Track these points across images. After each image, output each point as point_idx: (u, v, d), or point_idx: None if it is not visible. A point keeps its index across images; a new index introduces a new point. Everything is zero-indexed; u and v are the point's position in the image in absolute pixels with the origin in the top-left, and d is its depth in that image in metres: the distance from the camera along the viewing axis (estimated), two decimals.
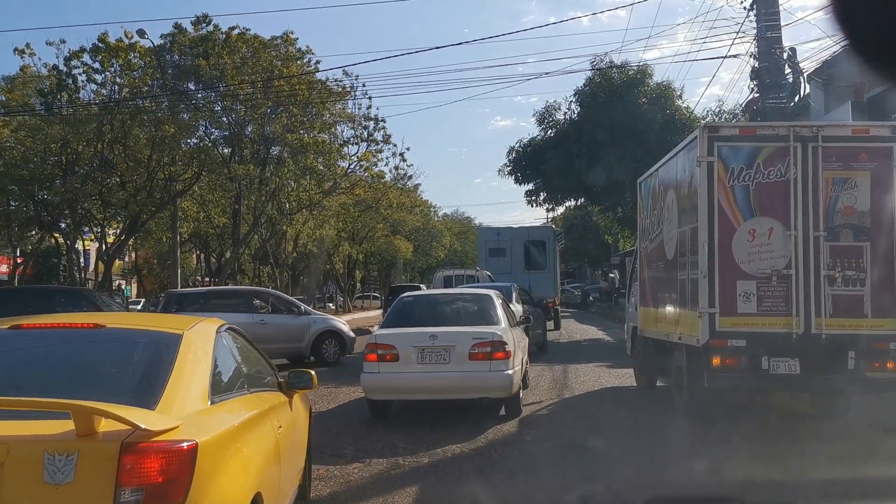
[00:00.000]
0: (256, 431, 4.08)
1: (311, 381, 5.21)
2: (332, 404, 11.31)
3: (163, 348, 3.85)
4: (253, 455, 3.85)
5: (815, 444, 8.05)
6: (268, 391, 4.85)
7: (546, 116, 26.79)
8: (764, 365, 8.31)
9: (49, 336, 4.14)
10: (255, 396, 4.48)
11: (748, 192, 8.44)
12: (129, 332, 4.25)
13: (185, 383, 3.63)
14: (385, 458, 7.74)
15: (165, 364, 3.69)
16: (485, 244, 27.99)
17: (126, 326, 4.42)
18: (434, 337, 9.18)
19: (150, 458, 3.01)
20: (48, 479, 2.93)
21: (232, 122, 26.34)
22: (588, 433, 9.14)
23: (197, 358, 3.88)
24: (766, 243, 8.40)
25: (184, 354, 3.80)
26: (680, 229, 9.43)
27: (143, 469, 2.99)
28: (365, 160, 30.10)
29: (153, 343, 3.97)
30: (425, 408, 10.32)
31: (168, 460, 3.05)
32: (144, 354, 3.87)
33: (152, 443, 3.04)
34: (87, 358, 4.00)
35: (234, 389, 4.25)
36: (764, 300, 8.36)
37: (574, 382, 13.42)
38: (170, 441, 3.09)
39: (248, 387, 4.48)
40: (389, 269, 62.89)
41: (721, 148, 8.49)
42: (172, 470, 3.05)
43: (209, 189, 29.15)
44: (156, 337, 4.06)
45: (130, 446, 2.99)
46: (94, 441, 2.98)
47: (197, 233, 38.26)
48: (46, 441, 2.99)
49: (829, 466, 7.18)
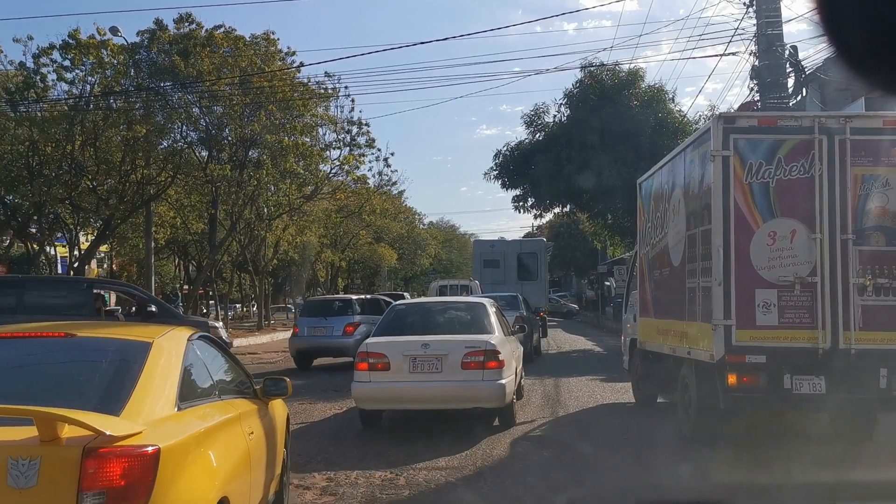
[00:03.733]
0: (224, 437, 4.13)
1: (286, 388, 5.30)
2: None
3: (132, 356, 3.95)
4: (221, 460, 3.91)
5: (843, 471, 7.18)
6: (241, 398, 4.91)
7: (534, 119, 25.94)
8: (786, 384, 7.41)
9: (19, 345, 4.30)
10: (226, 403, 4.53)
11: (768, 190, 7.55)
12: (99, 341, 4.35)
13: (153, 390, 3.72)
14: (365, 471, 7.45)
15: (133, 371, 3.78)
16: (480, 256, 29.56)
17: (97, 335, 4.51)
18: (426, 345, 8.98)
19: (111, 463, 3.11)
20: (12, 483, 3.04)
21: (210, 124, 25.30)
22: (587, 461, 8.21)
23: (166, 365, 3.96)
24: (788, 247, 7.51)
25: (153, 362, 3.89)
26: (689, 232, 8.53)
27: (104, 473, 3.09)
28: (347, 164, 29.11)
29: (122, 351, 4.07)
30: (417, 418, 10.08)
31: (130, 464, 3.14)
32: (113, 362, 3.96)
33: (114, 447, 3.13)
34: (57, 366, 4.16)
35: (204, 396, 4.32)
36: (786, 311, 7.46)
37: (567, 398, 12.49)
38: (132, 446, 3.18)
39: (220, 394, 4.55)
40: (373, 278, 61.84)
41: (737, 141, 7.60)
42: (134, 474, 3.14)
43: (185, 193, 28.10)
44: (125, 345, 4.17)
45: (92, 451, 3.09)
46: (57, 446, 3.09)
47: (175, 239, 37.20)
48: (10, 446, 3.09)
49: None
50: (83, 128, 23.48)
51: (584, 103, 24.53)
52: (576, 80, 25.17)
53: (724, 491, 6.64)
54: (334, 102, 28.18)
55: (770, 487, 6.69)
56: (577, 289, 68.09)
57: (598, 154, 23.38)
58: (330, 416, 11.04)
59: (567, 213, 29.71)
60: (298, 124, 25.38)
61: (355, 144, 29.40)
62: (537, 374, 14.85)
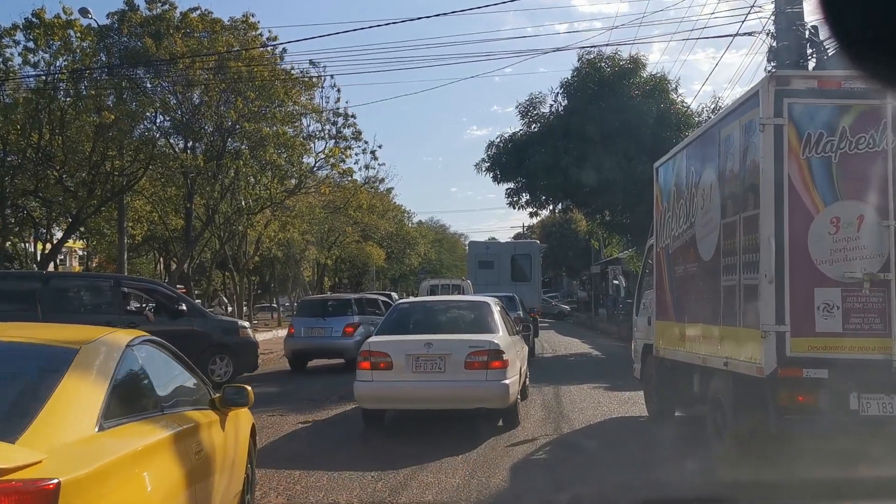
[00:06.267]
0: (161, 459, 3.63)
1: (246, 397, 4.91)
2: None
3: (50, 365, 3.49)
4: (156, 486, 3.43)
5: None
6: (192, 410, 4.48)
7: (530, 109, 24.48)
8: (852, 404, 6.05)
9: None
10: (171, 418, 4.05)
11: (830, 166, 6.19)
12: (16, 347, 3.80)
13: (66, 407, 3.22)
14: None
15: (46, 385, 3.29)
16: (475, 257, 29.99)
17: (18, 339, 3.94)
18: (429, 345, 8.92)
19: None
20: None
21: (185, 111, 23.78)
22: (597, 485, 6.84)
23: (91, 376, 3.49)
24: (855, 237, 6.15)
25: (73, 373, 3.41)
26: (725, 220, 7.16)
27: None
28: (332, 156, 27.60)
29: (39, 360, 3.63)
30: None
31: (21, 502, 2.65)
32: (24, 374, 3.57)
33: (3, 482, 2.63)
34: None
35: (141, 411, 3.85)
36: (852, 315, 6.11)
37: (571, 411, 11.11)
38: (24, 480, 2.67)
39: (165, 407, 4.09)
40: (361, 277, 60.34)
41: (793, 106, 6.23)
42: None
43: (161, 185, 26.55)
44: (45, 353, 3.68)
45: None
46: None
47: (153, 235, 35.69)
48: None
49: None
50: (50, 115, 21.96)
51: (583, 93, 23.17)
52: (574, 69, 23.80)
53: None
54: (319, 92, 26.79)
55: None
56: (569, 289, 66.95)
57: (596, 146, 22.03)
58: (332, 417, 10.91)
59: (563, 209, 28.28)
60: (279, 113, 23.85)
61: (341, 137, 27.96)
62: (534, 380, 13.47)
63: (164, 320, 13.82)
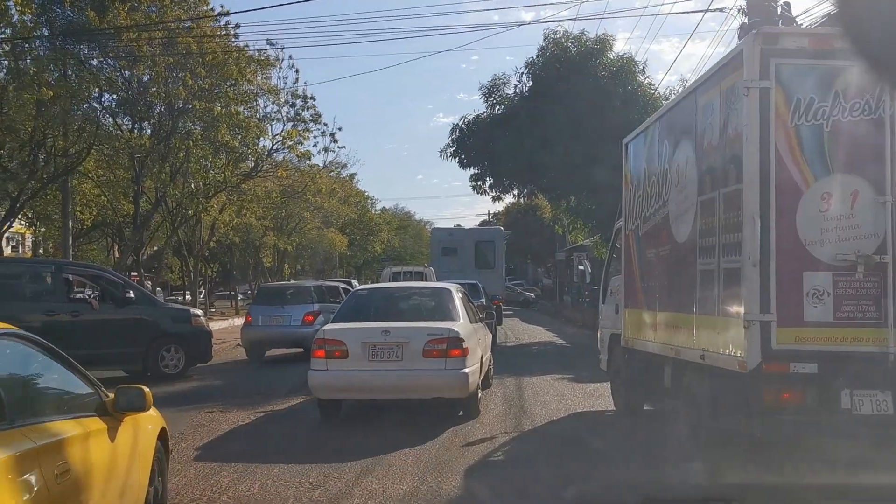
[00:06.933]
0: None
1: (143, 399, 4.38)
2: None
3: None
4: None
5: None
6: (65, 420, 3.81)
7: (493, 91, 23.67)
8: (844, 402, 5.40)
9: None
10: (22, 432, 3.25)
11: (821, 135, 5.52)
12: None
13: None
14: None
15: None
16: (438, 243, 29.64)
17: None
18: (386, 332, 8.72)
19: None
20: None
21: (132, 89, 22.60)
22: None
23: None
24: (849, 215, 5.50)
25: None
26: (702, 198, 6.47)
27: None
28: (290, 138, 26.58)
29: None
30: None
31: None
32: None
33: None
34: None
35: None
36: (845, 302, 5.46)
37: (533, 405, 10.42)
38: None
39: (21, 417, 3.36)
40: (323, 264, 59.22)
41: (781, 68, 5.54)
42: None
43: (108, 167, 25.29)
44: None
45: None
46: None
47: (104, 221, 34.30)
48: None
49: None
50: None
51: (548, 73, 22.43)
52: (539, 48, 23.05)
53: None
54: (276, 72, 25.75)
55: None
56: (533, 277, 66.59)
57: (562, 129, 21.28)
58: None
59: (527, 194, 27.55)
60: (232, 92, 22.75)
61: (300, 119, 26.95)
62: (496, 371, 12.76)
63: (109, 308, 13.19)
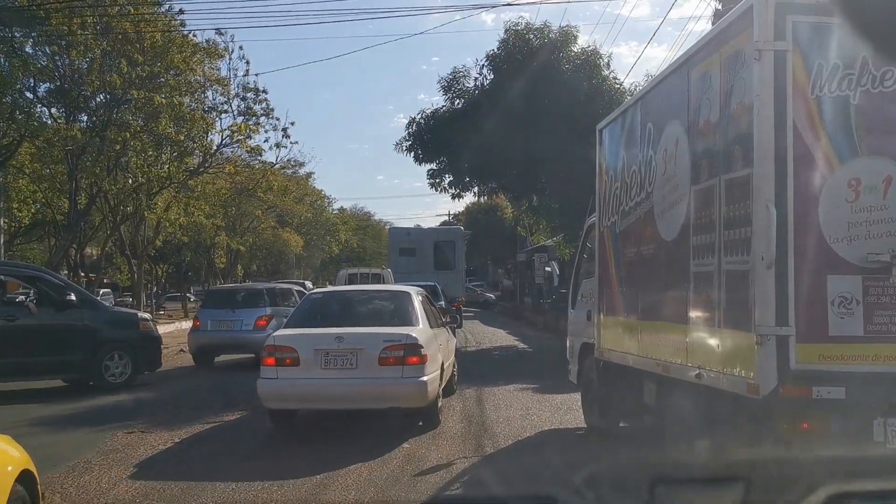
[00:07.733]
0: None
1: None
2: None
3: None
4: None
5: None
6: None
7: (453, 84, 22.65)
8: (876, 433, 4.44)
9: None
10: None
11: (847, 109, 4.56)
12: None
13: None
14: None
15: None
16: (396, 244, 29.22)
17: None
18: (340, 339, 8.35)
19: None
20: None
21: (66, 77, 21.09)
22: None
23: None
24: (880, 206, 4.54)
25: None
26: (697, 186, 5.47)
27: None
28: (239, 132, 25.23)
29: None
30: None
31: None
32: None
33: None
34: None
35: None
36: (877, 312, 4.50)
37: (495, 422, 9.36)
38: None
39: None
40: (278, 265, 57.61)
41: (799, 27, 4.57)
42: None
43: (43, 162, 23.71)
44: None
45: None
46: None
47: (44, 219, 32.47)
48: None
49: None
50: None
51: (509, 65, 21.46)
52: (500, 40, 22.09)
53: None
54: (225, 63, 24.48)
55: None
56: (494, 278, 65.72)
57: (524, 124, 20.36)
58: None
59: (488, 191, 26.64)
60: (174, 81, 21.38)
61: (251, 113, 25.62)
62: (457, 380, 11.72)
63: (48, 313, 12.04)
